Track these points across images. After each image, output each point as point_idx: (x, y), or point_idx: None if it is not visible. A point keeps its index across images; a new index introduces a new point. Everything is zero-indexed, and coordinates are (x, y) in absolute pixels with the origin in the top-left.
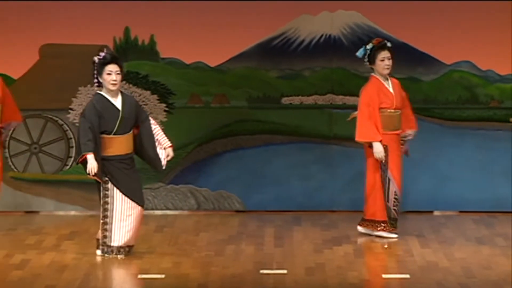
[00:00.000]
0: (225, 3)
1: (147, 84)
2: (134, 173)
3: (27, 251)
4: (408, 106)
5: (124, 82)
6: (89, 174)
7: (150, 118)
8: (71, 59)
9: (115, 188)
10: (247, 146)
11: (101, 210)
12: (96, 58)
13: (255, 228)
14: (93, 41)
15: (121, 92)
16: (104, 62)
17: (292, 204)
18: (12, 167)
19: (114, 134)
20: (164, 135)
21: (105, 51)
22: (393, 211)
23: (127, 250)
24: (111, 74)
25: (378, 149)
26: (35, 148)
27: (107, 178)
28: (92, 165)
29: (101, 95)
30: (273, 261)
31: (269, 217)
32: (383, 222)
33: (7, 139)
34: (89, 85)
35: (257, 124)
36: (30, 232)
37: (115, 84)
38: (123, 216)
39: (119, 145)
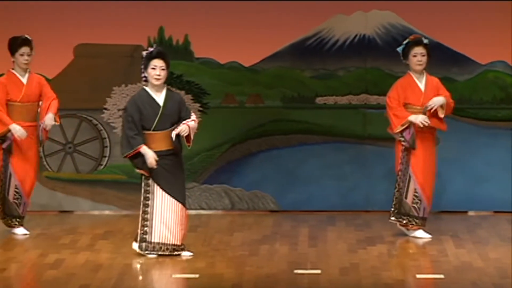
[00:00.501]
0: (259, 3)
1: (182, 84)
2: (178, 171)
3: (62, 251)
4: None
5: None
6: (144, 170)
7: (193, 115)
8: (105, 59)
9: (155, 184)
10: (281, 146)
11: (141, 205)
12: (144, 52)
13: (289, 228)
14: (127, 41)
15: (168, 89)
16: (150, 57)
17: (326, 204)
18: (47, 166)
19: (153, 130)
20: (193, 123)
21: (154, 46)
22: (412, 208)
23: (173, 248)
24: (155, 69)
25: (417, 118)
26: (70, 147)
27: (148, 174)
28: (150, 158)
29: (145, 90)
30: (307, 261)
31: (303, 217)
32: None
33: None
34: (123, 85)
35: (292, 124)
36: (65, 232)
37: (158, 79)
38: (163, 213)
39: (159, 141)
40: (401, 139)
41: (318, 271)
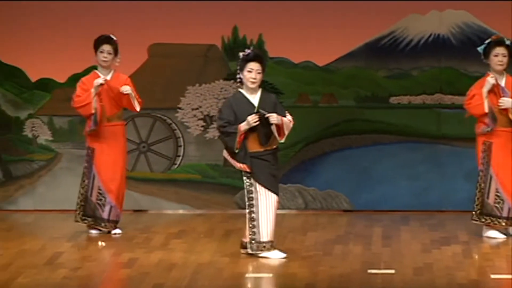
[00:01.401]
0: (334, 3)
1: None
2: (275, 169)
3: (136, 250)
4: None
5: (232, 81)
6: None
7: (288, 115)
8: (179, 58)
9: (257, 184)
10: (355, 145)
11: (247, 206)
12: (240, 54)
13: (363, 228)
14: (201, 41)
15: (262, 90)
16: (247, 59)
17: (400, 204)
18: None
19: (249, 130)
20: (286, 119)
21: (251, 48)
22: (494, 208)
23: (271, 245)
24: (252, 72)
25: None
26: (144, 147)
27: (248, 175)
28: (248, 120)
29: (240, 92)
30: (381, 261)
31: (377, 217)
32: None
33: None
34: (197, 84)
35: (365, 124)
36: (139, 231)
37: (254, 82)
38: (268, 210)
39: (255, 142)
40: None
41: (392, 271)
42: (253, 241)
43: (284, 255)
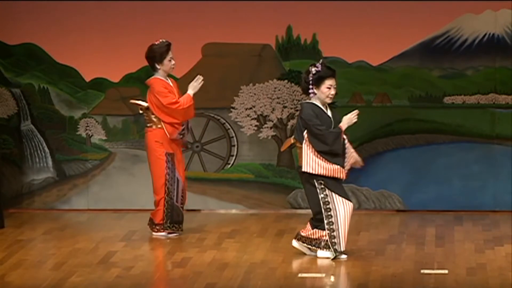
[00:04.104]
0: (387, 2)
1: None
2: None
3: (188, 249)
4: None
5: (286, 81)
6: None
7: None
8: (233, 58)
9: (333, 193)
10: (408, 145)
11: (324, 217)
12: (314, 69)
13: (416, 228)
14: (255, 40)
15: (327, 104)
16: (325, 76)
17: (454, 204)
18: None
19: None
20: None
21: (321, 62)
22: None
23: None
24: (331, 88)
25: None
26: (197, 146)
27: (322, 185)
28: (351, 118)
29: (314, 104)
30: (434, 261)
31: (430, 217)
32: None
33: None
34: (251, 84)
35: (419, 124)
36: (191, 230)
37: (332, 98)
38: (346, 218)
39: None
40: None
41: (445, 271)
42: (337, 253)
43: (345, 256)
